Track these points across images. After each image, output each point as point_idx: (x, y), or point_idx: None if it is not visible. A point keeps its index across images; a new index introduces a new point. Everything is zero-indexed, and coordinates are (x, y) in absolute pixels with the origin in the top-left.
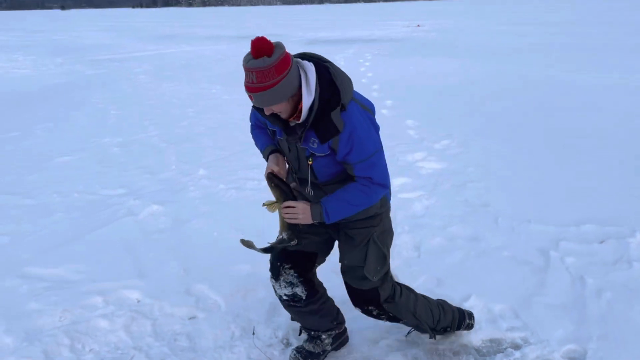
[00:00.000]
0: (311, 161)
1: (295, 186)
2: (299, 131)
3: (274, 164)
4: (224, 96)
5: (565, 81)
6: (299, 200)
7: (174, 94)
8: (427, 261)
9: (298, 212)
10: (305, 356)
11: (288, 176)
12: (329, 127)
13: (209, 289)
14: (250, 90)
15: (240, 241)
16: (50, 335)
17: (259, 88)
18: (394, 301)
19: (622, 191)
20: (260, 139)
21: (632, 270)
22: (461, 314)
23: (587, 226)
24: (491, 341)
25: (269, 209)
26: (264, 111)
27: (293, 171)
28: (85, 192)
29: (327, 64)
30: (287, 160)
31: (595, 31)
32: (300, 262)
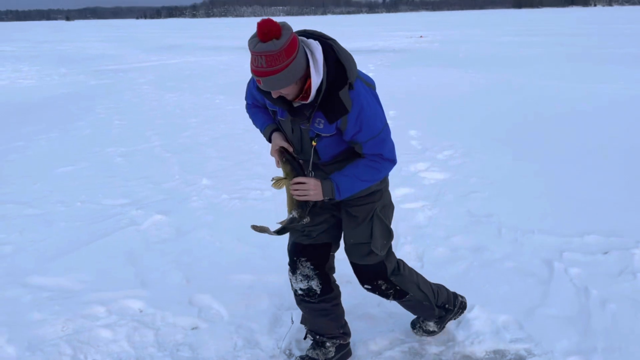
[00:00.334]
0: (315, 142)
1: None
2: (306, 111)
3: (281, 140)
4: (227, 106)
5: (568, 91)
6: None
7: (177, 104)
8: (430, 272)
9: (309, 188)
10: None
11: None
12: (337, 107)
13: (211, 299)
14: (259, 74)
15: (251, 227)
16: (53, 345)
17: (268, 72)
18: (400, 273)
19: (626, 202)
20: (260, 118)
21: (636, 282)
22: (452, 293)
23: (591, 237)
24: (495, 352)
25: (275, 185)
26: (268, 94)
27: (294, 152)
28: (88, 202)
29: (331, 41)
30: (289, 141)
31: (599, 42)
32: (315, 254)
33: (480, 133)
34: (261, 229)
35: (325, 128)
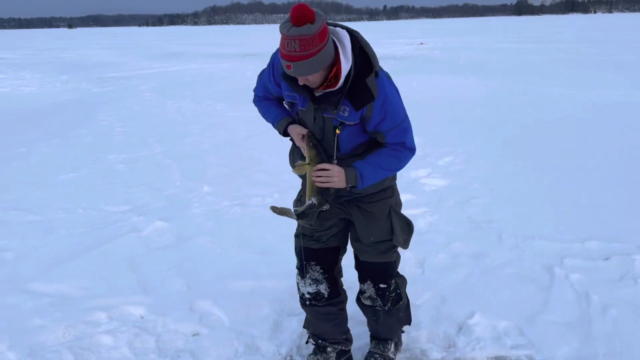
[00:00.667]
0: (339, 130)
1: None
2: (334, 98)
3: (302, 128)
4: (228, 113)
5: (568, 98)
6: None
7: (178, 111)
8: (431, 278)
9: (333, 175)
10: None
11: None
12: (364, 94)
13: (212, 305)
14: (291, 59)
15: (271, 208)
16: (54, 351)
17: (302, 56)
18: (400, 275)
19: (626, 207)
20: (272, 111)
21: (637, 287)
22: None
23: (592, 243)
24: (496, 358)
25: (297, 170)
26: (293, 82)
27: None
28: (89, 209)
29: (354, 32)
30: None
31: (599, 48)
32: (325, 258)
33: (480, 139)
34: (281, 211)
35: (350, 116)
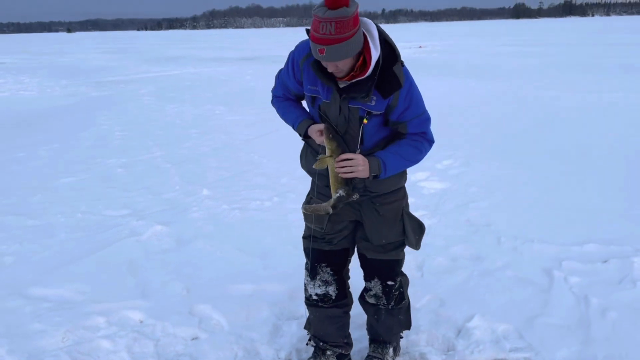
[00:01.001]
0: (367, 120)
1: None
2: (365, 86)
3: (320, 125)
4: (227, 117)
5: (567, 100)
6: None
7: (178, 115)
8: (430, 281)
9: (358, 164)
10: None
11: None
12: (392, 81)
13: (211, 309)
14: (325, 42)
15: (303, 208)
16: (53, 355)
17: (336, 40)
18: (404, 274)
19: (625, 210)
20: (292, 112)
21: (636, 290)
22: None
23: (590, 245)
24: None
25: (318, 164)
26: (320, 71)
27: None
28: (89, 213)
29: (376, 24)
30: (334, 125)
31: (597, 51)
32: (335, 260)
33: (479, 142)
34: (314, 209)
35: (377, 105)
